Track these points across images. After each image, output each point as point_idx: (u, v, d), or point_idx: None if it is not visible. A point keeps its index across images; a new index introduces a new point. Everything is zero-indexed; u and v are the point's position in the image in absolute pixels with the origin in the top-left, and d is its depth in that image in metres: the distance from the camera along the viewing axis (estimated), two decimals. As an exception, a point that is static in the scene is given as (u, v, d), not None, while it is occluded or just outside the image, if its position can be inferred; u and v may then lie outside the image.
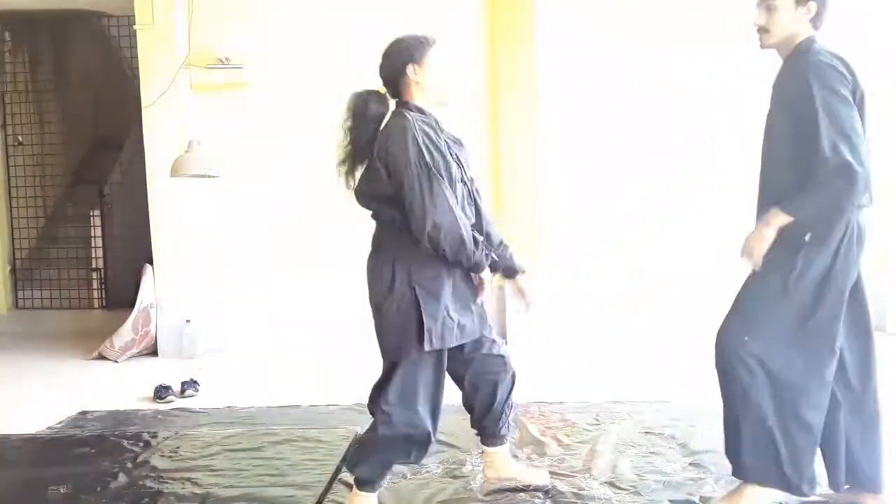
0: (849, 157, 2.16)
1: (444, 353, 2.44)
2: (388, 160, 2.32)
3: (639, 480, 2.80)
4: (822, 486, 2.54)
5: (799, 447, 2.35)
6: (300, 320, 5.77)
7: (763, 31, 2.39)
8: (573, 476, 2.86)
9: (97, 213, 6.96)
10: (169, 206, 5.62)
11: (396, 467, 2.95)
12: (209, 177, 5.15)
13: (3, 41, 7.23)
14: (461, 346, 2.50)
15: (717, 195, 5.34)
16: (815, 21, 2.35)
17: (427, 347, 2.35)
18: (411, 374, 2.40)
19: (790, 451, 2.34)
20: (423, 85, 2.41)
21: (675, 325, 5.55)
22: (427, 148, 2.30)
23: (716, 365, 2.44)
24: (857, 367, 2.41)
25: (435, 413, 2.45)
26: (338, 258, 5.79)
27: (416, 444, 2.45)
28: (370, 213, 2.48)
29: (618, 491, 2.73)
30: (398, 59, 2.41)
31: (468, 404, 2.69)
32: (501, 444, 2.73)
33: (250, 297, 5.82)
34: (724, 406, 2.45)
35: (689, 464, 2.95)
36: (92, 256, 7.00)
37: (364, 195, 2.45)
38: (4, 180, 7.23)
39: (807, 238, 2.28)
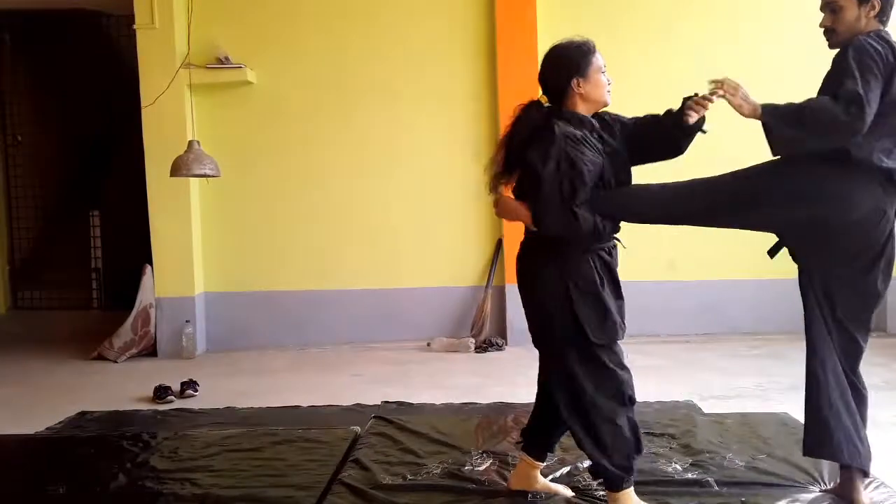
0: (861, 92, 2.12)
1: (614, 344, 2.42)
2: (527, 170, 2.36)
3: (639, 481, 2.79)
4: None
5: None
6: (301, 319, 5.77)
7: (830, 31, 2.41)
8: (573, 477, 2.85)
9: (96, 213, 6.96)
10: (169, 206, 5.62)
11: (398, 468, 2.96)
12: (209, 177, 5.15)
13: (2, 41, 7.22)
14: None
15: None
16: (881, 17, 2.36)
17: (595, 340, 2.35)
18: (598, 363, 2.38)
19: None
20: (587, 95, 2.40)
21: (676, 323, 5.56)
22: (565, 160, 2.30)
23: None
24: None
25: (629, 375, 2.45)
26: (337, 257, 5.80)
27: (630, 401, 2.42)
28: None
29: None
30: (564, 73, 2.39)
31: (537, 411, 2.65)
32: (545, 461, 2.72)
33: (250, 297, 5.82)
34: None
35: (690, 464, 2.94)
36: (91, 256, 6.99)
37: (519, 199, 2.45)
38: (4, 180, 7.22)
39: None
